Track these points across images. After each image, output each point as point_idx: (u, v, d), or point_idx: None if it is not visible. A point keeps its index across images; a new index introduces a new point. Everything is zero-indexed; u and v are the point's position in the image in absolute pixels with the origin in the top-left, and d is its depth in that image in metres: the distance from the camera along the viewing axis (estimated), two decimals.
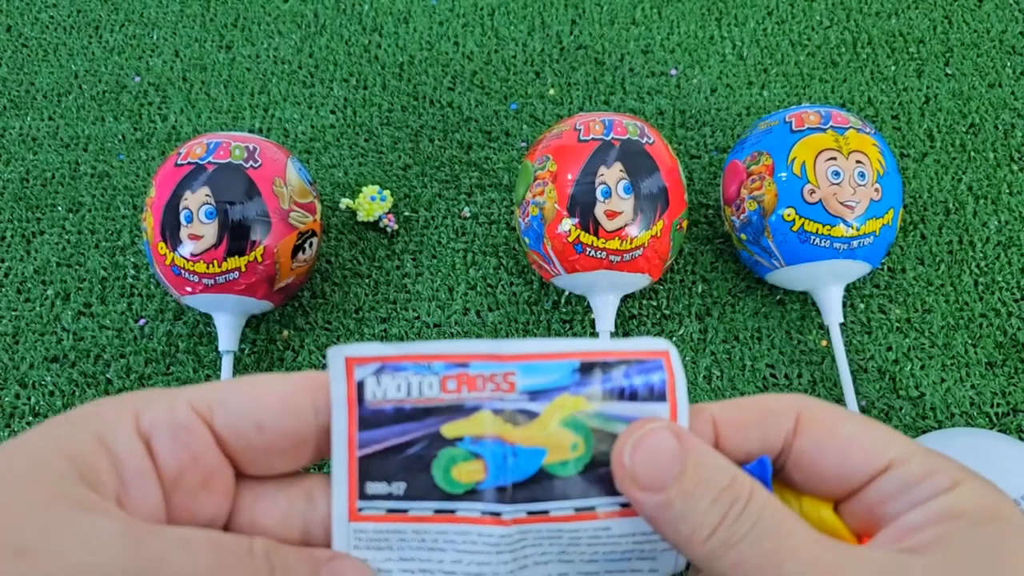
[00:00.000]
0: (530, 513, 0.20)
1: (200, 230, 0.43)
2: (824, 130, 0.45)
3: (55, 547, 0.16)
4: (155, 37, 0.64)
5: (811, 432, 0.19)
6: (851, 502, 0.20)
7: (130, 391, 0.47)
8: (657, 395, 0.20)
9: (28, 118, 0.60)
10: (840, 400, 0.46)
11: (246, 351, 0.49)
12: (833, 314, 0.46)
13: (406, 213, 0.54)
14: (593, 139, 0.44)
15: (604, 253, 0.44)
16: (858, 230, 0.44)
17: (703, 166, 0.56)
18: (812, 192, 0.43)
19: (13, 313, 0.51)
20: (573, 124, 0.46)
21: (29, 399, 0.48)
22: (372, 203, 0.52)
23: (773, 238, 0.45)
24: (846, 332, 0.49)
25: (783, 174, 0.44)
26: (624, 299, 0.49)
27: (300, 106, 0.59)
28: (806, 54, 0.61)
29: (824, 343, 0.48)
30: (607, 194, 0.43)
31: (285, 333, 0.50)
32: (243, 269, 0.43)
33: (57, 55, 0.63)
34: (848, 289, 0.50)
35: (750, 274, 0.51)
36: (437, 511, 0.20)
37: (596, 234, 0.43)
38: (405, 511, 0.20)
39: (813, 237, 0.44)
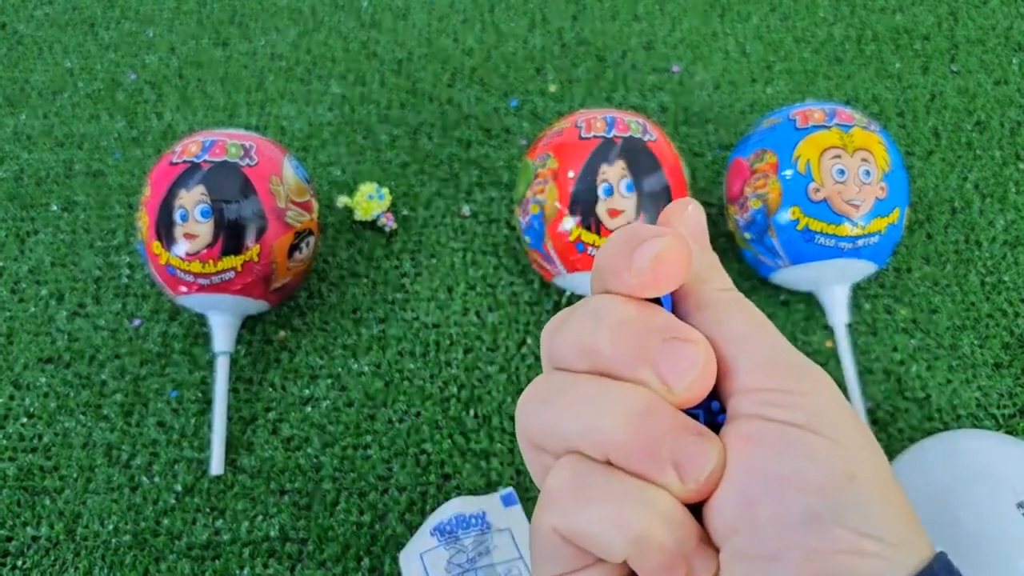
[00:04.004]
0: None
1: (195, 229, 0.42)
2: (829, 127, 0.44)
3: None
4: (151, 34, 0.63)
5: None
6: None
7: (125, 393, 0.46)
8: None
9: (23, 116, 0.59)
10: None
11: (242, 352, 0.48)
12: (838, 314, 0.45)
13: (404, 212, 0.53)
14: (595, 136, 0.44)
15: None
16: (863, 229, 0.43)
17: (706, 164, 0.55)
18: (817, 190, 0.43)
19: (7, 313, 0.50)
20: (574, 121, 0.45)
21: (23, 400, 0.47)
22: (370, 201, 0.52)
23: (777, 237, 0.44)
24: (851, 333, 0.48)
25: (787, 172, 0.44)
26: None
27: (297, 103, 0.59)
28: (810, 50, 0.60)
29: (829, 344, 0.48)
30: (609, 192, 0.43)
31: (282, 334, 0.49)
32: (239, 269, 0.43)
33: (52, 52, 0.63)
34: (853, 289, 0.49)
35: (754, 274, 0.50)
36: None
37: (598, 232, 0.43)
38: None
39: (818, 236, 0.43)
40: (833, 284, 0.45)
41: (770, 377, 0.20)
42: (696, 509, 0.20)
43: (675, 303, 0.21)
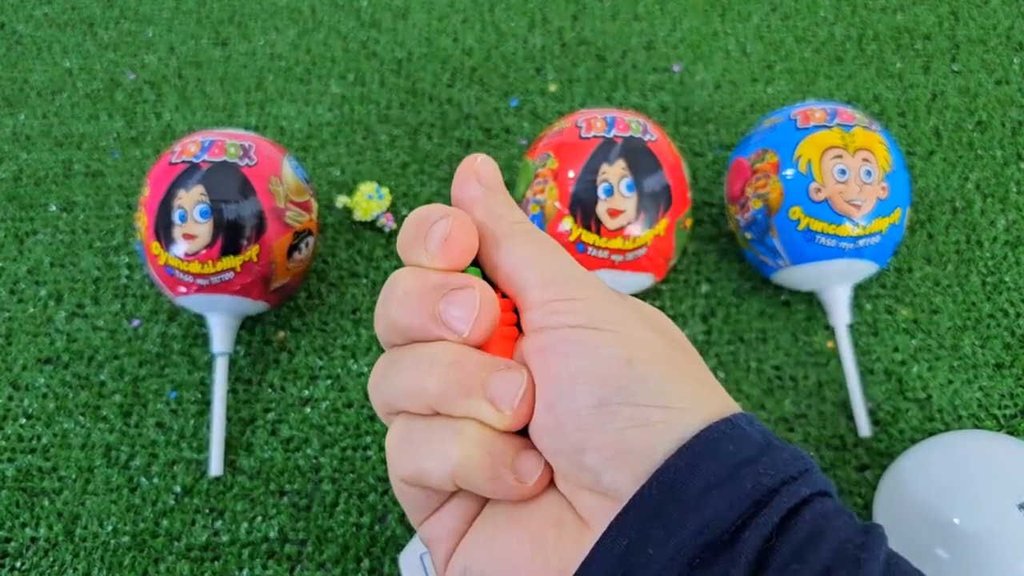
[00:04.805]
0: None
1: (194, 229, 0.42)
2: (830, 127, 0.44)
3: None
4: (150, 34, 0.63)
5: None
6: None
7: (124, 394, 0.46)
8: None
9: (22, 116, 0.59)
10: (846, 403, 0.46)
11: (241, 353, 0.48)
12: (840, 315, 0.45)
13: (404, 212, 0.53)
14: (595, 136, 0.44)
15: (606, 252, 0.43)
16: (865, 229, 0.43)
17: (707, 164, 0.55)
18: (818, 190, 0.43)
19: (6, 314, 0.50)
20: (574, 121, 0.45)
21: (22, 401, 0.47)
22: (369, 201, 0.52)
23: (779, 237, 0.44)
24: (852, 333, 0.48)
25: (789, 172, 0.43)
26: None
27: (296, 103, 0.59)
28: (811, 50, 0.60)
29: (830, 344, 0.48)
30: (609, 192, 0.43)
31: (281, 334, 0.49)
32: (238, 269, 0.43)
33: (51, 52, 0.63)
34: (854, 289, 0.49)
35: (755, 274, 0.50)
36: None
37: (598, 233, 0.43)
38: None
39: (819, 236, 0.43)
40: (835, 284, 0.45)
41: (554, 290, 0.22)
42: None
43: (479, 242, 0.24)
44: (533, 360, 0.22)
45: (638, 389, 0.21)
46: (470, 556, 0.23)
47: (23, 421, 0.46)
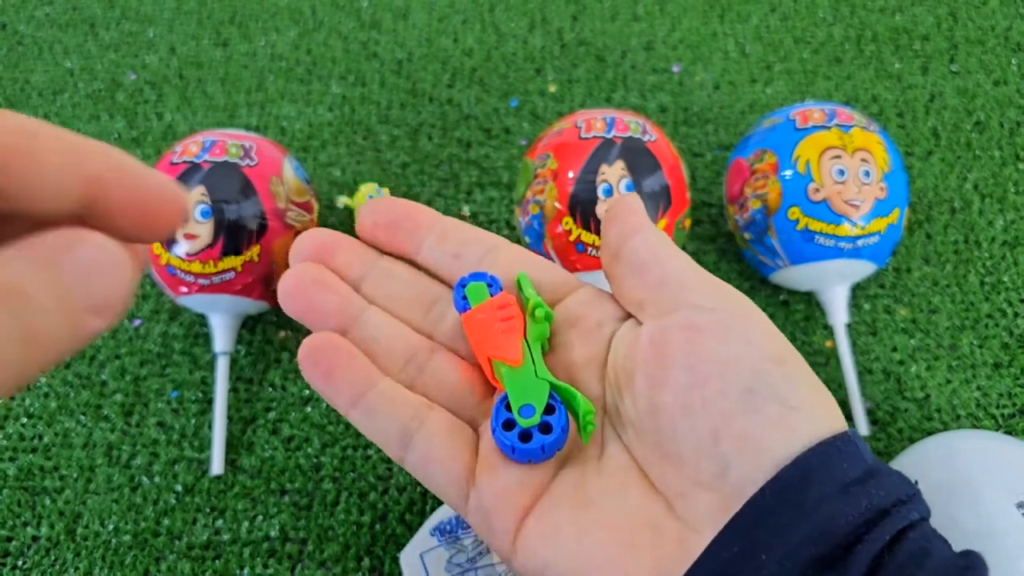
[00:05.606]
0: None
1: (195, 229, 0.42)
2: (829, 128, 0.44)
3: None
4: (151, 34, 0.63)
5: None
6: None
7: (125, 393, 0.46)
8: None
9: None
10: (845, 402, 0.46)
11: (242, 352, 0.48)
12: (838, 314, 0.45)
13: None
14: (594, 136, 0.44)
15: None
16: (863, 229, 0.43)
17: (706, 164, 0.55)
18: (817, 191, 0.43)
19: None
20: (574, 121, 0.45)
21: (24, 400, 0.47)
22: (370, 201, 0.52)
23: (777, 237, 0.44)
24: (851, 333, 0.48)
25: (787, 172, 0.44)
26: None
27: (297, 103, 0.59)
28: (810, 51, 0.60)
29: (829, 344, 0.48)
30: (609, 192, 0.43)
31: (282, 334, 0.49)
32: (239, 269, 0.43)
33: (52, 52, 0.63)
34: (853, 289, 0.49)
35: (754, 274, 0.50)
36: None
37: (598, 233, 0.43)
38: None
39: (818, 236, 0.43)
40: (833, 284, 0.45)
41: (696, 276, 0.24)
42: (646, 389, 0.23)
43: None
44: (681, 334, 0.23)
45: (787, 389, 0.21)
46: (551, 554, 0.22)
47: (24, 420, 0.47)
